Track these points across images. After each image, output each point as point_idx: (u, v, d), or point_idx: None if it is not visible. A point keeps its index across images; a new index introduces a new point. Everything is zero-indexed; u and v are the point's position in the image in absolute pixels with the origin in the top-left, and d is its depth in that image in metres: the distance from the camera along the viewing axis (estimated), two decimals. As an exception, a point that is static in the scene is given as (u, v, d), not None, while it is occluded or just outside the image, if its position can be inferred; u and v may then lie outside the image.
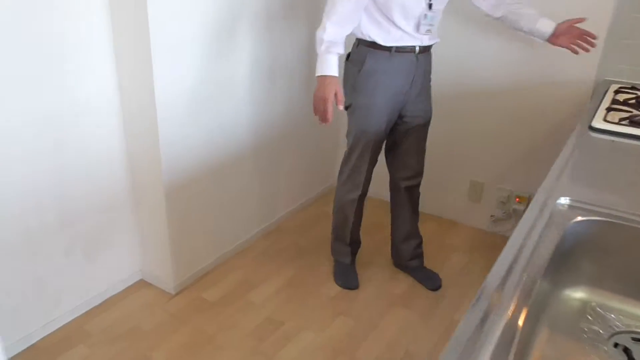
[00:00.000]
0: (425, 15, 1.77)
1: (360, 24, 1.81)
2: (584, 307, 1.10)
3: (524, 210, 2.49)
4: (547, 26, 1.89)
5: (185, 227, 2.07)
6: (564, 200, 1.10)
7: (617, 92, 1.84)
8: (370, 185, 2.10)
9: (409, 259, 2.25)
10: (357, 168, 2.02)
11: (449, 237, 2.58)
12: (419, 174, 2.12)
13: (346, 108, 1.97)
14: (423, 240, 2.25)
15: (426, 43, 1.86)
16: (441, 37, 1.96)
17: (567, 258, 1.08)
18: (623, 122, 1.52)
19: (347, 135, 2.02)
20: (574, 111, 2.24)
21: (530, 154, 2.40)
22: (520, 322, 0.76)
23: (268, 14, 2.17)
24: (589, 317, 1.08)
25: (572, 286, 1.11)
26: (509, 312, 0.76)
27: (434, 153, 2.59)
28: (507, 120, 2.40)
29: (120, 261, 2.07)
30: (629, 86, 1.93)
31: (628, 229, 1.03)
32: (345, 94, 1.94)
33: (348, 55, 1.94)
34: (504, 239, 2.61)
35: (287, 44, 2.34)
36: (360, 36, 1.85)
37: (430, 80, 2.00)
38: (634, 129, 1.49)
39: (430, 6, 1.76)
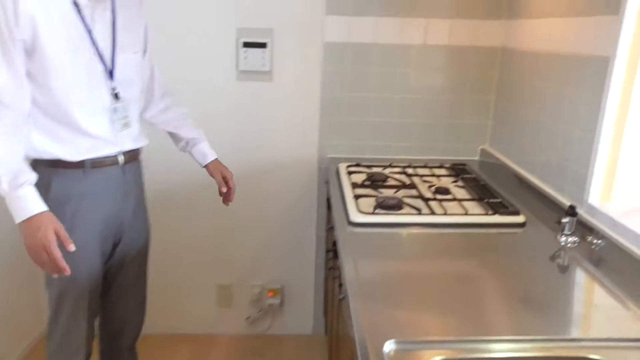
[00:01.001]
0: (115, 109, 1.38)
1: (30, 139, 1.31)
2: None
3: (280, 303, 2.37)
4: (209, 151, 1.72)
5: None
6: (389, 347, 0.90)
7: (349, 173, 1.83)
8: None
9: None
10: (72, 326, 1.46)
11: (209, 357, 2.21)
12: (143, 309, 1.67)
13: None
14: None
15: (129, 147, 1.45)
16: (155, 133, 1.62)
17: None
18: (378, 211, 1.47)
19: (47, 287, 1.45)
20: (305, 193, 2.19)
21: (273, 244, 2.25)
22: None
23: None
24: None
25: None
26: None
27: (168, 266, 2.21)
28: (242, 213, 2.21)
29: None
30: (354, 163, 1.96)
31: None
32: None
33: None
34: (266, 339, 2.47)
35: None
36: (35, 155, 1.34)
37: (144, 192, 1.62)
38: (391, 215, 1.44)
39: (116, 96, 1.38)
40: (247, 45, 2.04)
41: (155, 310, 1.95)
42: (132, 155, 1.47)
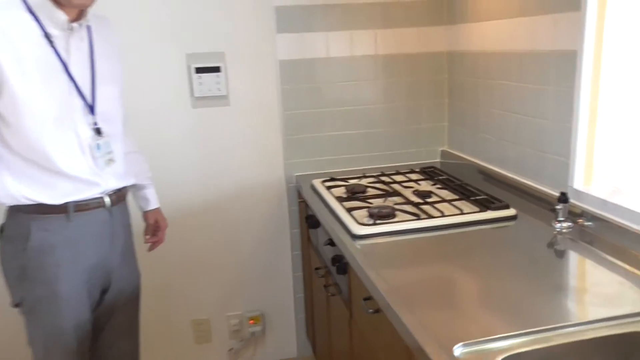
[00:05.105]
0: (98, 145, 1.28)
1: (4, 185, 1.22)
2: None
3: (262, 330, 2.27)
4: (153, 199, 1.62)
5: None
6: (459, 350, 0.90)
7: (328, 188, 1.82)
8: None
9: None
10: None
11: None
12: (136, 358, 1.57)
13: (16, 305, 1.32)
14: None
15: (114, 186, 1.35)
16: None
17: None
18: (379, 221, 1.47)
19: (31, 343, 1.34)
20: (276, 214, 2.15)
21: (248, 270, 2.18)
22: None
23: None
24: None
25: None
26: None
27: (140, 309, 2.06)
28: (214, 243, 2.12)
29: None
30: (328, 178, 1.95)
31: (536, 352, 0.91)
32: (11, 285, 1.31)
33: (1, 230, 1.31)
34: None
35: None
36: (12, 202, 1.25)
37: (132, 235, 1.52)
38: (392, 224, 1.45)
39: (98, 131, 1.28)
40: (200, 70, 1.98)
41: None
42: (119, 196, 1.38)
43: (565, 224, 1.40)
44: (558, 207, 1.40)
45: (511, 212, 1.51)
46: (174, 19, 1.91)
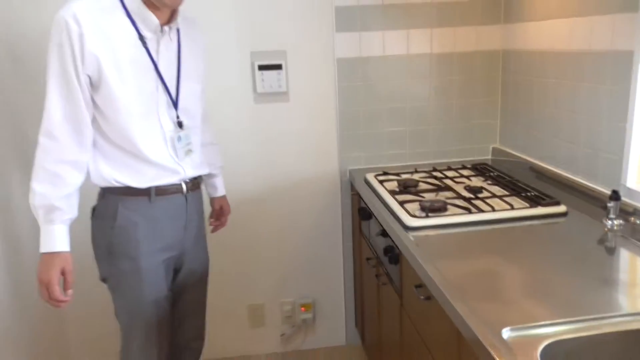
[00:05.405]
0: (179, 137, 1.43)
1: (98, 169, 1.38)
2: None
3: (313, 318, 2.38)
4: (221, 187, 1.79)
5: None
6: (506, 334, 0.96)
7: (380, 182, 1.89)
8: None
9: None
10: (146, 356, 1.49)
11: (248, 378, 2.21)
12: (203, 335, 1.71)
13: (104, 280, 1.47)
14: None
15: (192, 174, 1.49)
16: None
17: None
18: (431, 214, 1.53)
19: (118, 316, 1.49)
20: (329, 205, 2.24)
21: (301, 259, 2.29)
22: None
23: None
24: None
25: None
26: None
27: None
28: (270, 232, 2.24)
29: None
30: (381, 172, 2.02)
31: (582, 339, 0.96)
32: (100, 260, 1.46)
33: (93, 210, 1.46)
34: (301, 354, 2.48)
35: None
36: (104, 184, 1.40)
37: (204, 220, 1.65)
38: (444, 217, 1.51)
39: (180, 124, 1.43)
40: (262, 68, 2.09)
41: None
42: (195, 184, 1.51)
43: (616, 222, 1.42)
44: (609, 204, 1.42)
45: (561, 208, 1.54)
46: (240, 19, 2.03)
